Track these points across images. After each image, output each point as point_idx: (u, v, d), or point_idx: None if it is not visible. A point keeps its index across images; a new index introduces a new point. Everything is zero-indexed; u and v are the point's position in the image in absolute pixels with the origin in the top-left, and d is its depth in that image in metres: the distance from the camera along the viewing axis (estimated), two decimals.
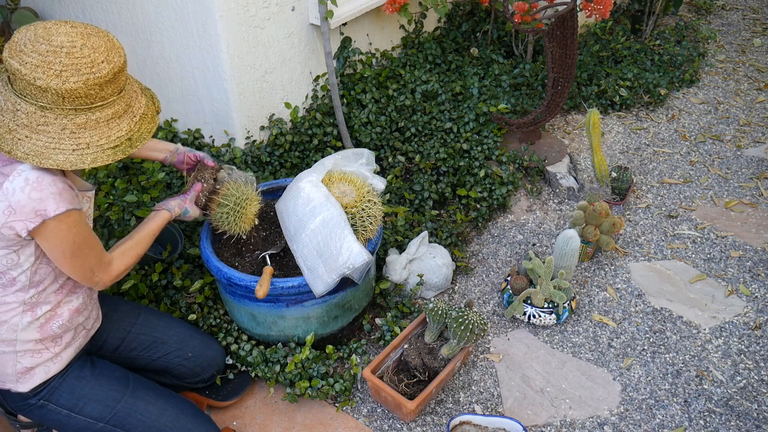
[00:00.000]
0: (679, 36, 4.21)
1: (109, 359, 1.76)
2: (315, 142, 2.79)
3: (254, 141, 2.73)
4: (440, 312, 2.03)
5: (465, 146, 2.91)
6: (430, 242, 2.57)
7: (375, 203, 2.02)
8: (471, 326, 1.97)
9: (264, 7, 2.47)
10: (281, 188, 2.28)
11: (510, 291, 2.41)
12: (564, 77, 2.88)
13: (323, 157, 2.38)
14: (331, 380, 2.05)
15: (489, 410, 2.09)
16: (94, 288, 1.57)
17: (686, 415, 2.07)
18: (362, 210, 1.97)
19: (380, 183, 2.12)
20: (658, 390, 2.15)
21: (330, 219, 1.89)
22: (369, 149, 2.52)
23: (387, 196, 2.68)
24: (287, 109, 2.83)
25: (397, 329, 2.22)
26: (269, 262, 2.04)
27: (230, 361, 2.07)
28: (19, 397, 1.58)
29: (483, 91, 3.22)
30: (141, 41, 2.63)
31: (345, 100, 2.96)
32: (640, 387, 2.17)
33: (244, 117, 2.64)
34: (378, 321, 2.32)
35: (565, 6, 2.68)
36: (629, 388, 2.16)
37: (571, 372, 2.22)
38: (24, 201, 1.32)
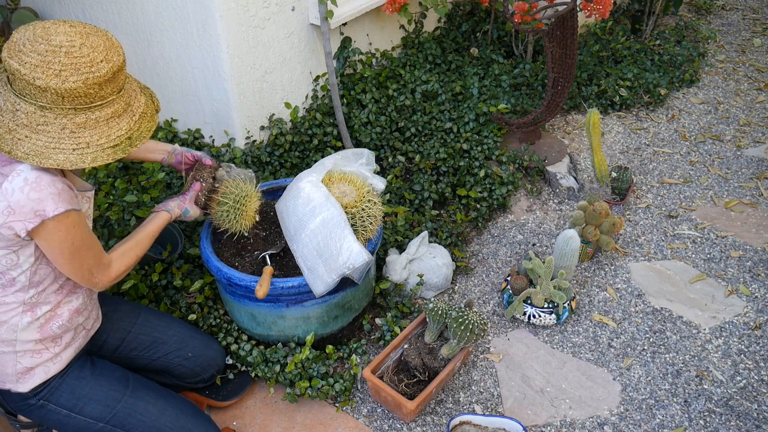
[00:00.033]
0: (679, 36, 4.21)
1: (109, 359, 1.76)
2: (315, 142, 2.79)
3: (254, 141, 2.73)
4: (440, 312, 2.03)
5: (465, 146, 2.91)
6: (430, 242, 2.57)
7: (375, 203, 2.02)
8: (471, 326, 1.97)
9: (264, 7, 2.47)
10: (281, 188, 2.28)
11: (510, 291, 2.41)
12: (564, 77, 2.88)
13: (323, 157, 2.38)
14: (331, 380, 2.05)
15: (489, 410, 2.09)
16: (93, 289, 1.57)
17: (686, 415, 2.07)
18: (362, 210, 1.97)
19: (380, 183, 2.12)
20: (658, 390, 2.15)
21: (330, 219, 1.89)
22: (369, 149, 2.52)
23: (387, 196, 2.68)
24: (287, 109, 2.83)
25: (397, 329, 2.21)
26: (269, 262, 2.04)
27: (230, 361, 2.06)
28: (19, 397, 1.58)
29: (483, 91, 3.22)
30: (141, 41, 2.63)
31: (345, 100, 2.96)
32: (640, 387, 2.16)
33: (244, 117, 2.64)
34: (378, 321, 2.32)
35: (565, 6, 2.68)
36: (629, 388, 2.16)
37: (571, 372, 2.22)
38: (23, 201, 1.32)
